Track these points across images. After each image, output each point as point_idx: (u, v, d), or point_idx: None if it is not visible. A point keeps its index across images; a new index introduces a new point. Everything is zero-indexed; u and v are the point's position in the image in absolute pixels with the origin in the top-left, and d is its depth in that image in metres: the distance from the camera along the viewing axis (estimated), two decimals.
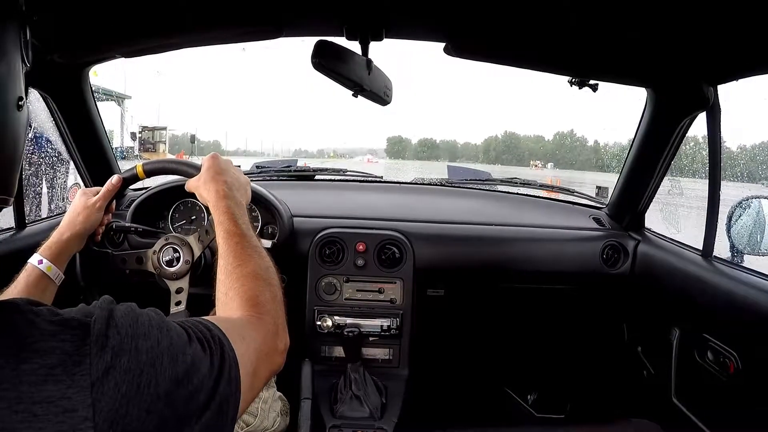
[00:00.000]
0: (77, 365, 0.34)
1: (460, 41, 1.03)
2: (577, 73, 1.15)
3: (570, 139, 24.99)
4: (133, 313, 0.41)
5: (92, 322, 0.37)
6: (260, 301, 0.61)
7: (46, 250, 0.82)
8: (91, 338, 0.36)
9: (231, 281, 0.64)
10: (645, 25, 0.90)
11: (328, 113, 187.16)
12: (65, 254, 0.85)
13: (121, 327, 0.38)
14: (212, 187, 0.79)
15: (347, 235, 1.34)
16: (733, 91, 1.12)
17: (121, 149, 10.01)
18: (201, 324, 0.47)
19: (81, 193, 0.91)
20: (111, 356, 0.36)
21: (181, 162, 0.96)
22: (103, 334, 0.37)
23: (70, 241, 0.86)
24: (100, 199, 0.90)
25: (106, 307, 0.40)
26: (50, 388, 0.33)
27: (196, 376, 0.41)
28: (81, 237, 0.88)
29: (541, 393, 1.72)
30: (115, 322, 0.38)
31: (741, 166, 1.84)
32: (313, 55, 0.87)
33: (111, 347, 0.37)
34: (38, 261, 0.80)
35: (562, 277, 1.47)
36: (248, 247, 0.69)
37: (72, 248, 0.87)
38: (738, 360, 1.03)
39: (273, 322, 0.60)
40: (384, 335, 1.32)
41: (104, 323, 0.38)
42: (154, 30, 1.02)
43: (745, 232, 1.21)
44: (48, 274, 0.80)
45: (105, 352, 0.36)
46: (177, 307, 0.93)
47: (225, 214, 0.74)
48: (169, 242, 0.97)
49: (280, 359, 0.59)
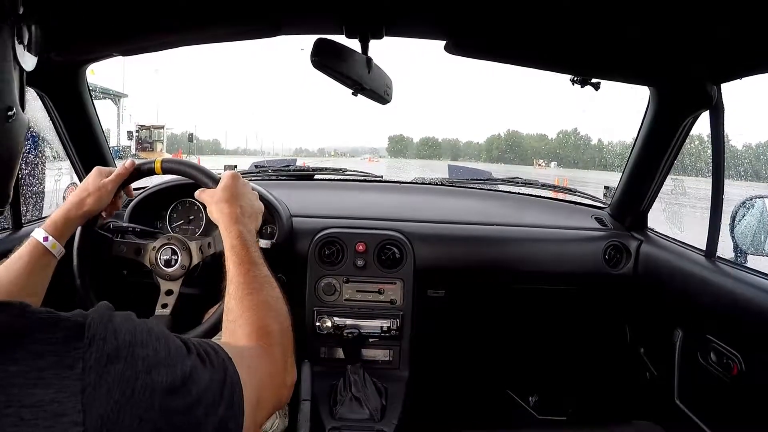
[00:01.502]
0: (69, 368, 0.34)
1: (460, 39, 1.02)
2: (579, 71, 1.15)
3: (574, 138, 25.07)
4: (132, 321, 0.40)
5: (87, 325, 0.37)
6: (269, 332, 0.60)
7: (51, 226, 0.81)
8: (84, 341, 0.35)
9: (241, 309, 0.63)
10: (647, 23, 0.89)
11: (328, 112, 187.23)
12: (69, 231, 0.85)
13: (119, 333, 0.38)
14: (226, 209, 0.79)
15: (347, 235, 1.33)
16: (737, 90, 1.11)
17: (117, 148, 10.00)
18: (206, 343, 0.47)
19: (96, 172, 0.89)
20: (106, 361, 0.35)
21: (201, 170, 0.94)
22: (99, 338, 0.36)
23: (76, 219, 0.86)
24: (111, 182, 0.89)
25: (105, 313, 0.39)
26: (39, 392, 0.32)
27: (195, 388, 0.40)
28: (87, 217, 0.88)
29: (543, 395, 1.71)
30: (113, 327, 0.38)
31: (745, 165, 1.83)
32: (313, 53, 0.86)
33: (106, 353, 0.36)
34: (43, 237, 0.79)
35: (564, 278, 1.46)
36: (259, 276, 0.69)
37: (76, 226, 0.88)
38: (741, 361, 1.02)
39: (282, 355, 0.59)
40: (384, 336, 1.31)
41: (101, 327, 0.37)
42: (151, 28, 1.01)
43: (749, 232, 1.20)
44: (52, 251, 0.80)
45: (100, 356, 0.35)
46: (163, 310, 0.93)
47: (237, 239, 0.74)
48: (170, 242, 0.96)
49: (286, 393, 0.58)
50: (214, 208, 0.82)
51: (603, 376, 1.62)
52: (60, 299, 0.86)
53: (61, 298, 0.87)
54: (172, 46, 1.10)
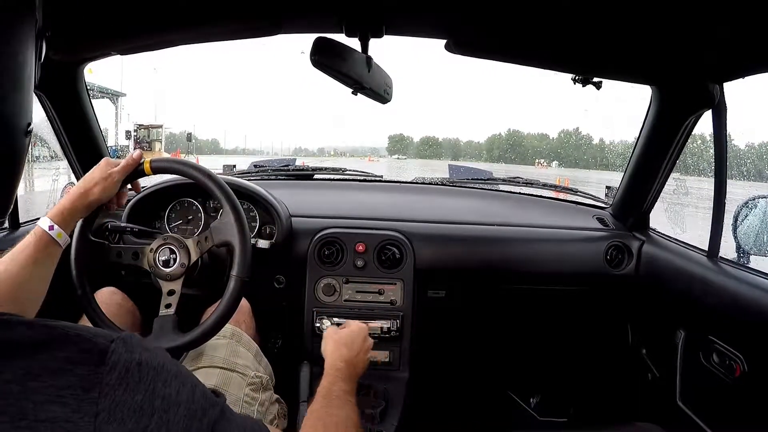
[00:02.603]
0: (86, 391, 0.34)
1: (461, 38, 1.01)
2: (581, 70, 1.14)
3: (575, 137, 24.93)
4: (161, 358, 0.41)
5: (110, 350, 0.37)
6: None
7: (57, 215, 0.81)
8: (105, 366, 0.36)
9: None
10: (649, 22, 0.88)
11: (328, 111, 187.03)
12: (75, 220, 0.85)
13: (144, 366, 0.38)
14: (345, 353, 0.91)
15: (346, 235, 1.32)
16: (740, 89, 1.10)
17: (115, 148, 9.98)
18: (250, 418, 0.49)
19: (104, 162, 0.88)
20: (123, 390, 0.35)
21: (192, 165, 0.95)
22: (122, 367, 0.36)
23: (82, 209, 0.85)
24: (118, 173, 0.88)
25: (134, 343, 0.39)
26: (56, 409, 0.33)
27: None
28: (92, 207, 0.87)
29: (544, 396, 1.70)
30: (139, 359, 0.38)
31: (748, 164, 1.82)
32: (312, 52, 0.85)
33: (126, 382, 0.36)
34: (49, 226, 0.79)
35: (565, 278, 1.45)
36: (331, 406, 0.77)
37: (81, 215, 0.87)
38: (744, 362, 1.01)
39: None
40: (384, 337, 1.30)
41: (126, 356, 0.37)
42: (150, 26, 1.00)
43: (752, 232, 1.20)
44: (57, 240, 0.79)
45: (118, 384, 0.35)
46: (167, 310, 0.92)
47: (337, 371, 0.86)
48: (167, 242, 0.96)
49: None
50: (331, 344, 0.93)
51: (604, 377, 1.61)
52: (63, 289, 0.85)
53: (64, 288, 0.86)
54: (172, 45, 1.09)
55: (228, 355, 0.99)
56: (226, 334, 1.02)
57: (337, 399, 0.78)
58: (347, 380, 0.84)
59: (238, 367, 0.98)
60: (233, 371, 0.96)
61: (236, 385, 0.95)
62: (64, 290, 0.85)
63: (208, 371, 0.94)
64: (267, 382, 1.03)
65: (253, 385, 0.97)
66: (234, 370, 0.97)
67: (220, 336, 0.99)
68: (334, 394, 0.79)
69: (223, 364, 0.97)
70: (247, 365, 1.00)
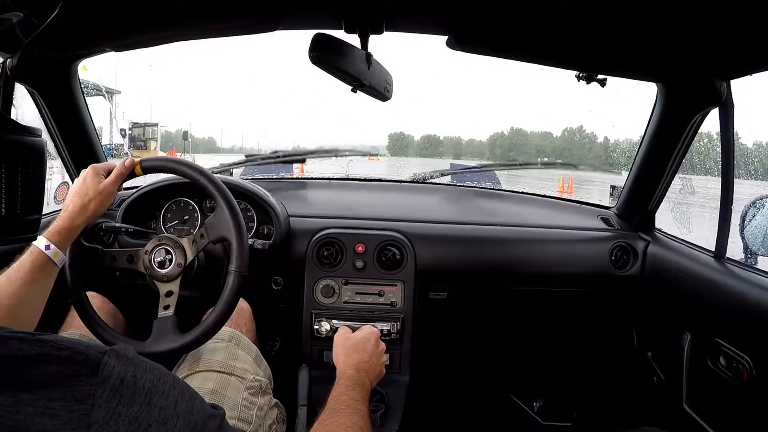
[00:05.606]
0: (78, 402, 0.34)
1: (463, 35, 1.00)
2: (585, 67, 1.13)
3: (579, 136, 24.79)
4: (157, 371, 0.40)
5: (102, 362, 0.36)
6: None
7: (55, 235, 0.80)
8: (98, 378, 0.35)
9: None
10: (655, 17, 0.87)
11: (327, 109, 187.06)
12: (72, 238, 0.85)
13: (139, 378, 0.38)
14: (355, 357, 0.91)
15: (346, 235, 1.30)
16: (747, 86, 1.08)
17: (110, 146, 9.98)
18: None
19: (92, 172, 0.87)
20: (118, 402, 0.35)
21: (183, 162, 0.93)
22: (116, 378, 0.36)
23: (80, 227, 0.85)
24: (112, 184, 0.88)
25: (128, 356, 0.39)
26: (46, 422, 0.32)
27: None
28: (90, 222, 0.87)
29: (547, 400, 1.68)
30: (134, 372, 0.38)
31: (756, 163, 1.81)
32: (311, 48, 0.85)
33: (121, 394, 0.35)
34: (45, 246, 0.79)
35: (569, 280, 1.43)
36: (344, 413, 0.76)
37: (79, 232, 0.87)
38: (752, 366, 1.00)
39: None
40: (384, 339, 1.27)
41: (120, 368, 0.37)
42: (146, 22, 0.99)
43: (760, 232, 1.19)
44: (54, 260, 0.79)
45: (112, 396, 0.35)
46: (165, 311, 0.91)
47: (349, 379, 0.84)
48: (162, 243, 0.94)
49: None
50: (341, 351, 0.92)
51: (609, 381, 1.60)
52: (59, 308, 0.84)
53: (60, 307, 0.85)
54: (168, 41, 1.07)
55: (226, 358, 0.97)
56: (225, 337, 1.01)
57: (346, 408, 0.76)
58: (358, 387, 0.82)
59: (237, 370, 0.96)
60: (231, 375, 0.95)
61: (234, 388, 0.93)
62: (56, 296, 0.83)
63: (205, 375, 0.93)
64: (266, 386, 1.01)
65: (251, 389, 0.96)
66: (232, 373, 0.95)
67: (218, 339, 0.98)
68: (343, 403, 0.77)
69: (221, 368, 0.95)
70: (246, 369, 0.99)
